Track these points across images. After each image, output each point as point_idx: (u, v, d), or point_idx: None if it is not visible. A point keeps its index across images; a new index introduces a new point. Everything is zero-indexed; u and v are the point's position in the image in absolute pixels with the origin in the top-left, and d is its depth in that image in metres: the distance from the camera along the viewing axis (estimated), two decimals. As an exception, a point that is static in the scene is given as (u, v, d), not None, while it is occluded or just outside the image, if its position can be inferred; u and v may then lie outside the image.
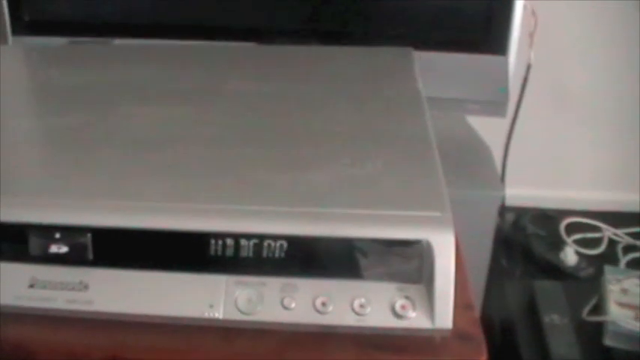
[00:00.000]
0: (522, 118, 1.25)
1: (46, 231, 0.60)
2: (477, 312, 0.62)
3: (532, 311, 1.19)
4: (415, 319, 0.58)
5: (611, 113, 1.52)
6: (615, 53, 1.46)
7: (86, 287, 0.60)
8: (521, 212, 1.48)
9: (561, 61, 1.45)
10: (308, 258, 0.59)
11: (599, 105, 1.52)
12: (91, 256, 0.60)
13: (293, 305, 0.58)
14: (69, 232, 0.60)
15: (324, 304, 0.58)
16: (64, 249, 0.60)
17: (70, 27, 1.16)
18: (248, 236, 0.59)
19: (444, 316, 0.58)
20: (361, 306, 0.58)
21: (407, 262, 0.58)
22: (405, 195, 0.61)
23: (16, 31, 1.15)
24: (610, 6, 1.41)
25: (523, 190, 1.48)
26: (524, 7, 1.11)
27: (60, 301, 0.60)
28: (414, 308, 0.58)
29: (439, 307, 0.58)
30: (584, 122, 1.53)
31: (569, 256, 1.36)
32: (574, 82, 1.50)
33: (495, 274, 1.30)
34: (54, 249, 0.60)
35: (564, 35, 1.43)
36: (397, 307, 0.58)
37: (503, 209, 1.27)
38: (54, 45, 1.04)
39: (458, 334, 0.59)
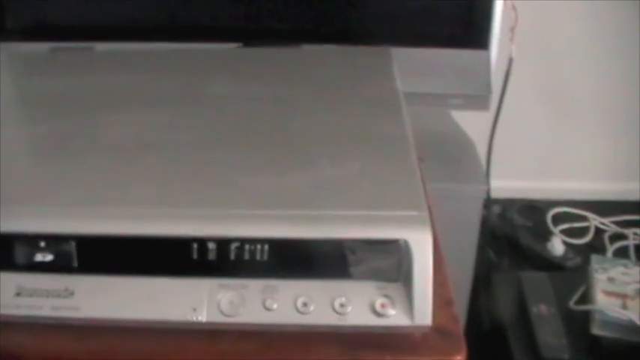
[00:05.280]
0: (506, 110, 1.26)
1: (31, 240, 0.61)
2: (456, 308, 0.63)
3: (520, 302, 1.20)
4: (395, 317, 0.59)
5: (594, 104, 1.53)
6: (597, 45, 1.47)
7: (72, 294, 0.61)
8: (508, 204, 1.49)
9: (543, 54, 1.46)
10: (288, 260, 0.60)
11: (582, 96, 1.53)
12: (75, 263, 0.61)
13: (275, 306, 0.59)
14: (53, 240, 0.61)
15: (305, 304, 0.59)
16: (49, 257, 0.61)
17: (53, 32, 1.16)
18: (229, 240, 0.60)
19: (423, 314, 0.59)
20: (341, 305, 0.59)
21: (386, 261, 0.60)
22: (382, 195, 0.63)
23: (-1, 38, 1.16)
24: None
25: (509, 182, 1.49)
26: (505, 2, 1.12)
27: (46, 308, 0.61)
28: (394, 306, 0.59)
29: (418, 304, 0.59)
30: (567, 113, 1.54)
31: (557, 246, 1.38)
32: (556, 75, 1.51)
33: (483, 266, 1.31)
34: (39, 257, 0.61)
35: (545, 28, 1.44)
36: (377, 305, 0.59)
37: (489, 202, 1.28)
38: (37, 52, 1.05)
39: (437, 330, 0.60)
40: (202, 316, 0.60)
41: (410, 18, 1.15)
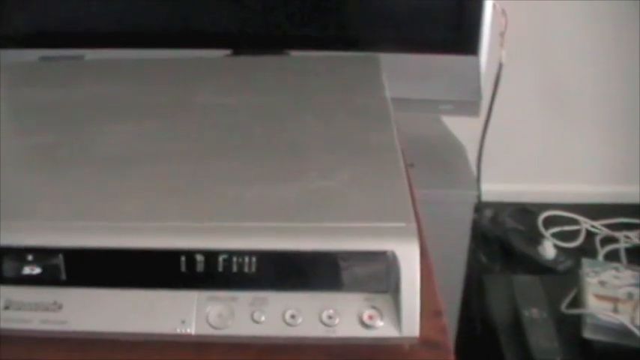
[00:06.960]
0: (496, 115, 1.26)
1: (19, 253, 0.60)
2: (445, 318, 0.63)
3: (511, 306, 1.20)
4: (383, 329, 0.59)
5: (584, 107, 1.54)
6: (587, 49, 1.48)
7: (60, 307, 0.61)
8: (499, 207, 1.49)
9: (533, 59, 1.47)
10: (277, 272, 0.60)
11: (573, 100, 1.53)
12: (64, 276, 0.61)
13: (263, 319, 0.59)
14: (41, 253, 0.60)
15: (293, 316, 0.59)
16: (37, 270, 0.61)
17: (43, 40, 1.16)
18: (218, 252, 0.59)
19: (411, 325, 0.59)
20: (329, 317, 0.59)
21: (373, 272, 0.59)
22: (370, 206, 0.62)
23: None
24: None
25: (501, 186, 1.49)
26: (494, 7, 1.12)
27: (35, 321, 0.60)
28: (382, 318, 0.59)
29: (406, 316, 0.59)
30: (558, 117, 1.55)
31: (548, 249, 1.38)
32: (547, 79, 1.51)
33: (474, 270, 1.32)
34: (27, 270, 0.61)
35: (535, 33, 1.44)
36: (365, 317, 0.59)
37: (480, 206, 1.28)
38: (25, 62, 1.04)
39: (426, 341, 0.60)
40: (191, 329, 0.60)
41: (399, 24, 1.15)
